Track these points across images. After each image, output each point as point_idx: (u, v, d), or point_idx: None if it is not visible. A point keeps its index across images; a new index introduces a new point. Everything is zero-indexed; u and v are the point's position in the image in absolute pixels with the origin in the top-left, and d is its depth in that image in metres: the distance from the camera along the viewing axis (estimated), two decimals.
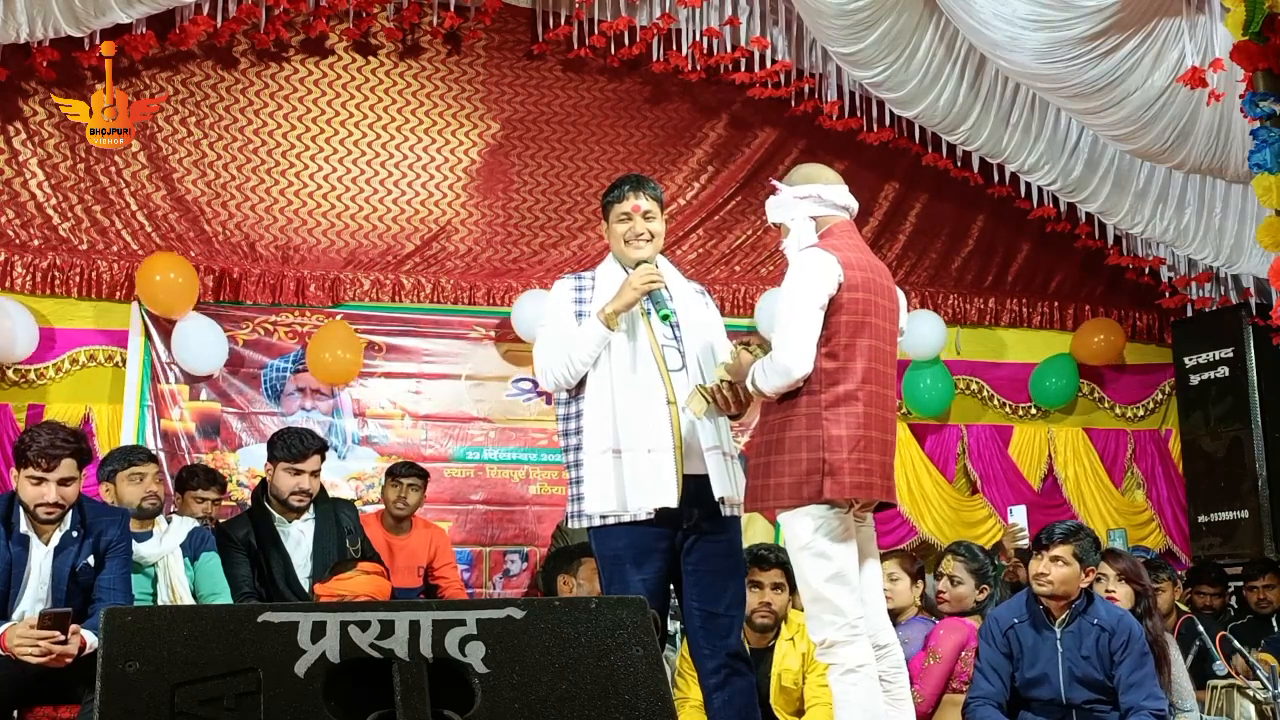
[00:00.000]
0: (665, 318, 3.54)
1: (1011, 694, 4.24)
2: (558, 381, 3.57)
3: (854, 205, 3.54)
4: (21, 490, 3.74)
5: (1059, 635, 4.11)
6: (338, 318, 6.69)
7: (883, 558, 5.18)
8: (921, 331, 7.27)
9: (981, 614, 4.84)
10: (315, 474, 4.70)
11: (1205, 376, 7.64)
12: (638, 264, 3.60)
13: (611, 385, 3.51)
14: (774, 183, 3.61)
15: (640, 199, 3.66)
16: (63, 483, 3.72)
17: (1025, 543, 5.73)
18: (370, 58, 7.01)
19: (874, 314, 3.34)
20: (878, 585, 3.52)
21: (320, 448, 4.75)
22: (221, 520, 5.40)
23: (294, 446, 4.65)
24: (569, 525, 3.68)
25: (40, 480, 3.70)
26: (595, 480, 3.47)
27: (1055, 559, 4.13)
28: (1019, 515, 6.11)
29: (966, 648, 4.67)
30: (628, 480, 3.44)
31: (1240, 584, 6.63)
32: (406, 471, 5.86)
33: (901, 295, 3.58)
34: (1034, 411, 7.93)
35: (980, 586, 4.87)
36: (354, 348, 6.57)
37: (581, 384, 3.56)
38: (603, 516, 3.47)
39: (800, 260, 3.35)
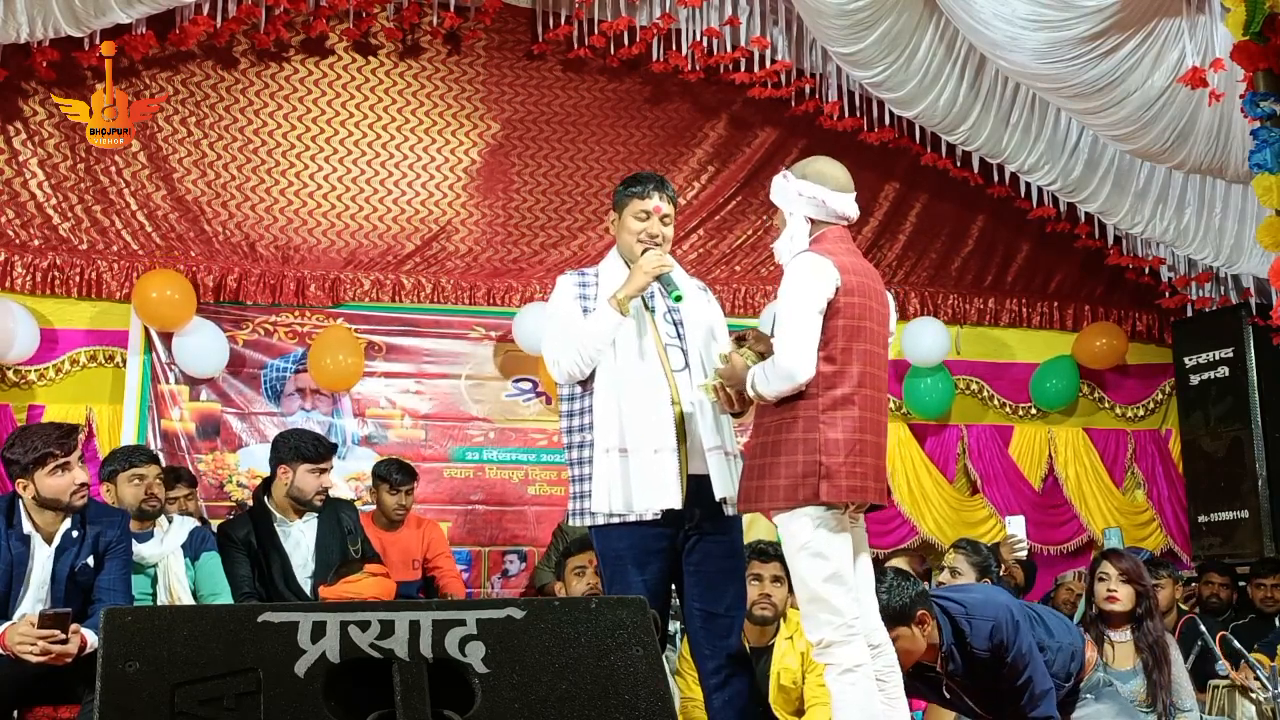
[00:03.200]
0: (678, 299, 3.53)
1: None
2: (569, 372, 3.55)
3: (854, 216, 3.51)
4: (44, 488, 3.72)
5: (943, 682, 3.90)
6: (338, 321, 6.68)
7: (891, 556, 5.21)
8: (924, 340, 7.26)
9: None
10: (329, 472, 4.84)
11: (1205, 376, 7.64)
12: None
13: (617, 384, 3.51)
14: (784, 170, 3.57)
15: (663, 202, 3.65)
16: (80, 461, 3.79)
17: (1023, 554, 5.75)
18: (370, 58, 7.01)
19: (869, 318, 3.35)
20: (870, 585, 3.52)
21: (335, 447, 4.98)
22: (205, 517, 5.48)
23: (316, 448, 4.78)
24: (570, 523, 3.66)
25: (65, 466, 3.72)
26: (601, 479, 3.46)
27: (895, 639, 3.59)
28: (1017, 526, 6.10)
29: None
30: (634, 480, 3.43)
31: (1244, 582, 6.63)
32: (403, 480, 5.77)
33: (890, 298, 3.58)
34: (1034, 412, 7.93)
35: (981, 581, 4.88)
36: (355, 352, 6.55)
37: (587, 381, 3.56)
38: (607, 516, 3.47)
39: (797, 264, 3.34)
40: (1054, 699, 3.84)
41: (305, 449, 4.73)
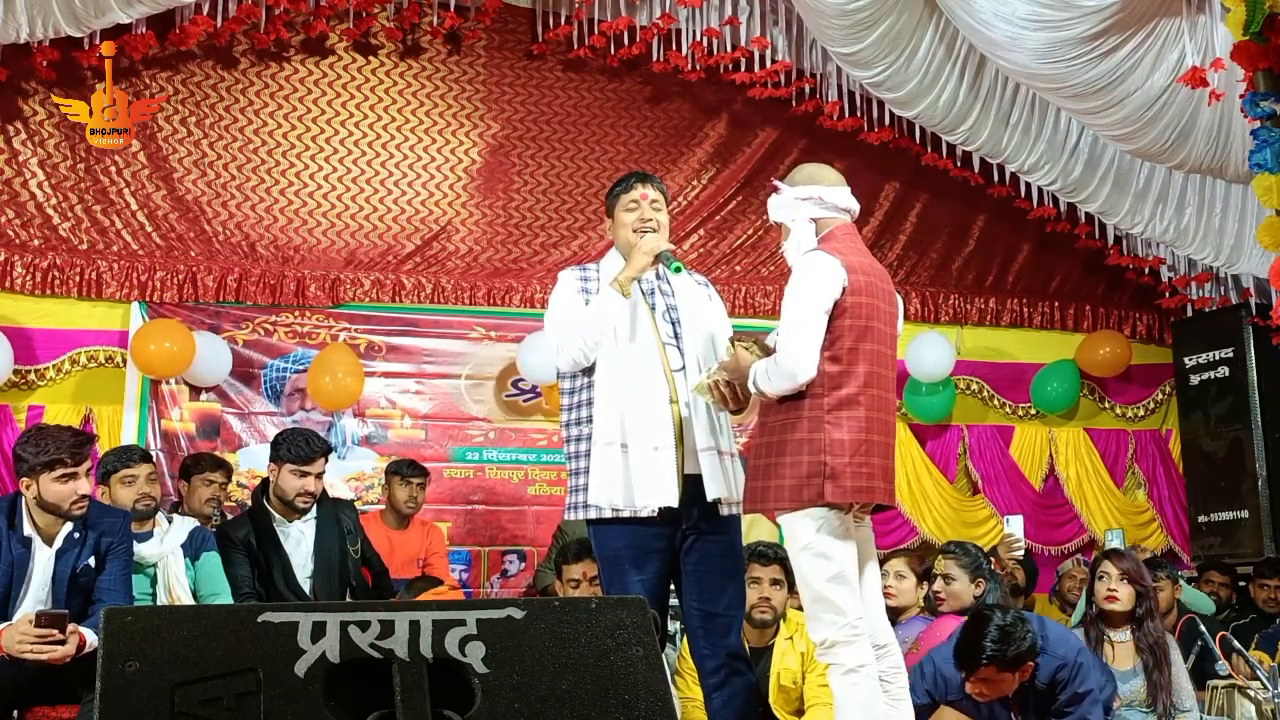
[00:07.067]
0: (677, 270, 3.57)
1: None
2: (573, 357, 3.56)
3: (855, 208, 3.54)
4: (46, 492, 3.73)
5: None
6: (339, 339, 6.67)
7: (890, 556, 5.20)
8: (929, 357, 7.24)
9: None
10: (320, 476, 4.73)
11: (1205, 376, 7.64)
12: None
13: (617, 379, 3.52)
14: (775, 182, 3.62)
15: (648, 189, 3.70)
16: (87, 474, 3.77)
17: (1020, 553, 5.75)
18: (370, 58, 7.01)
19: (876, 318, 3.34)
20: (876, 586, 3.53)
21: (326, 450, 4.79)
22: (227, 512, 5.48)
23: (301, 449, 4.67)
24: (568, 517, 3.67)
25: (72, 476, 3.72)
26: (601, 472, 3.46)
27: (984, 680, 3.84)
28: (1015, 525, 6.11)
29: None
30: (634, 476, 3.44)
31: (1245, 582, 6.62)
32: (414, 472, 5.98)
33: (899, 298, 3.59)
34: (1035, 412, 7.93)
35: (976, 580, 4.86)
36: (355, 372, 6.51)
37: (588, 372, 3.57)
38: (600, 509, 3.47)
39: (805, 263, 3.34)
40: None
41: (290, 450, 4.66)
